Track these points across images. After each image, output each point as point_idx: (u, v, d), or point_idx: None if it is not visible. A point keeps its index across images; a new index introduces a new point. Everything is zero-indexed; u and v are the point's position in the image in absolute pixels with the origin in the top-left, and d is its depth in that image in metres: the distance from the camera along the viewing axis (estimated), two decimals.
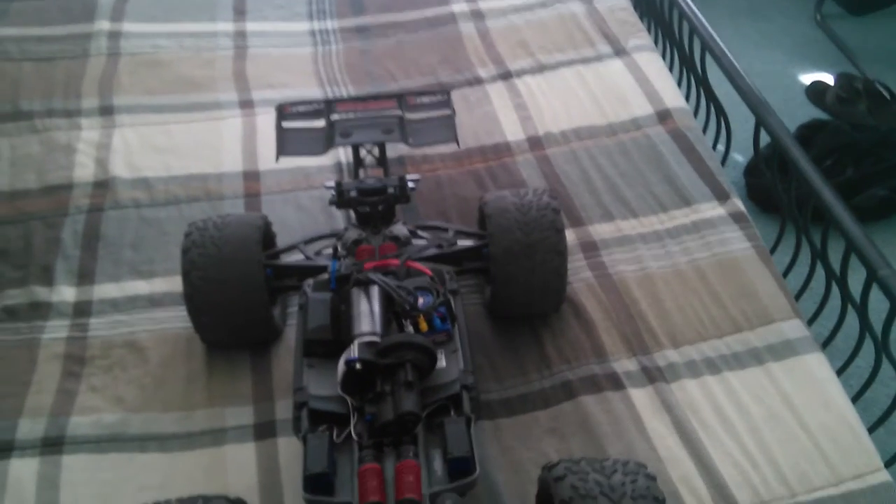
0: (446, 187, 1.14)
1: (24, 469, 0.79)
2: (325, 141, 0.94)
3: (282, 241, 0.96)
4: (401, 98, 0.98)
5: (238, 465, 0.80)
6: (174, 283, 0.98)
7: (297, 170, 1.15)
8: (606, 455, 0.79)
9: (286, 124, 0.96)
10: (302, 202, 1.11)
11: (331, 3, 1.53)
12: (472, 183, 1.14)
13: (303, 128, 0.96)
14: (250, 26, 1.46)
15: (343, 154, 1.18)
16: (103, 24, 1.42)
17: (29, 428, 0.82)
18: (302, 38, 1.44)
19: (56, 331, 0.93)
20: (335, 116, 0.96)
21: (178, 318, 0.93)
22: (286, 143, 0.95)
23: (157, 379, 0.88)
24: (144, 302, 0.97)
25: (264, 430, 0.83)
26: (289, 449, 0.81)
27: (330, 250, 0.91)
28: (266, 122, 1.24)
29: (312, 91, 1.31)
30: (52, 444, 0.81)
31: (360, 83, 1.33)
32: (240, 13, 1.49)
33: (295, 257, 0.92)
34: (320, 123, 0.96)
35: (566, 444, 0.81)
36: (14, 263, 1.01)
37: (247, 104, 1.28)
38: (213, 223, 0.88)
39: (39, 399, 0.85)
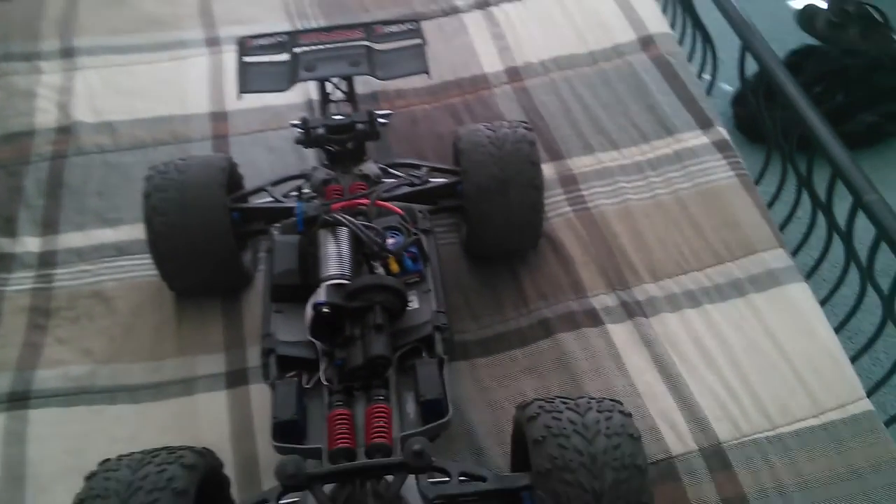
0: (421, 123, 1.10)
1: None
2: (289, 75, 0.90)
3: (251, 183, 0.92)
4: (368, 27, 0.93)
5: (210, 414, 0.78)
6: (141, 231, 0.95)
7: (266, 108, 1.11)
8: (584, 393, 0.77)
9: (248, 59, 0.91)
10: (272, 143, 1.07)
11: None
12: (449, 118, 1.10)
13: (266, 62, 0.91)
14: None
15: (313, 90, 1.13)
16: None
17: None
18: None
19: (20, 283, 0.91)
20: (299, 49, 0.91)
21: (145, 267, 0.91)
22: (248, 79, 0.91)
23: (126, 329, 0.86)
24: (111, 250, 0.94)
25: (236, 378, 0.81)
26: (260, 396, 0.79)
27: (297, 191, 0.88)
28: (233, 59, 1.19)
29: (282, 26, 1.26)
30: (19, 399, 0.79)
31: (332, 16, 1.28)
32: None
33: (263, 200, 0.88)
34: (284, 57, 0.91)
35: (544, 383, 0.79)
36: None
37: (213, 42, 1.23)
38: (175, 166, 0.85)
39: (4, 353, 0.83)
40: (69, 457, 0.75)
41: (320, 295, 0.69)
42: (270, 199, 0.88)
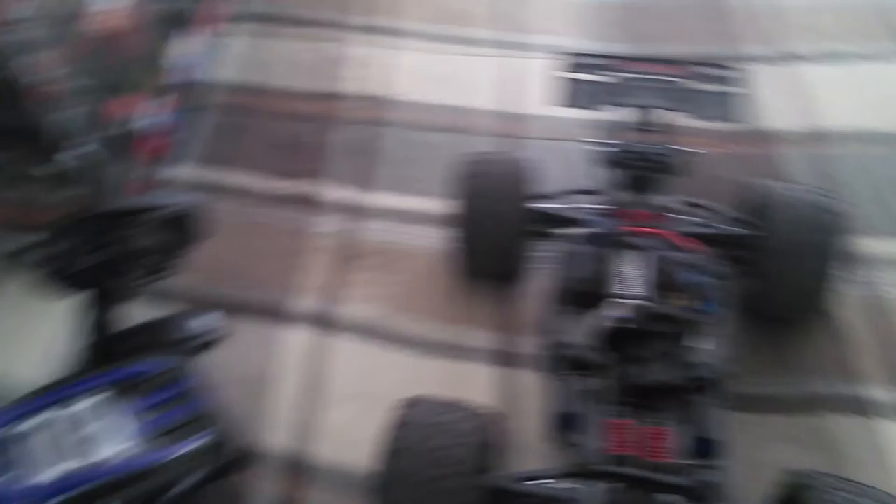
0: (705, 166, 1.11)
1: (298, 338, 0.90)
2: (609, 97, 0.95)
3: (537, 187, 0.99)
4: (694, 66, 0.96)
5: (475, 383, 0.86)
6: (437, 204, 1.05)
7: (560, 119, 1.17)
8: None
9: (571, 74, 0.97)
10: (561, 151, 1.13)
11: None
12: (731, 165, 1.11)
13: (587, 80, 0.97)
14: None
15: (610, 112, 1.18)
16: None
17: (304, 304, 0.94)
18: None
19: (329, 225, 1.04)
20: (622, 74, 0.96)
21: (440, 237, 1.00)
22: (569, 93, 0.97)
23: (413, 288, 0.96)
24: (410, 216, 1.05)
25: (505, 358, 0.88)
26: (523, 381, 0.86)
27: (589, 205, 0.93)
28: (535, 66, 1.27)
29: (581, 43, 1.32)
30: (323, 323, 0.92)
31: (636, 41, 1.32)
32: None
33: (554, 205, 0.94)
34: (606, 79, 0.97)
35: (802, 456, 0.79)
36: (294, 158, 1.12)
37: (517, 46, 1.32)
38: (487, 157, 0.93)
39: (313, 281, 0.96)
40: (359, 382, 0.86)
41: (616, 310, 0.73)
42: (562, 206, 0.94)
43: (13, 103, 0.80)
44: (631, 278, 0.77)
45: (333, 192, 1.07)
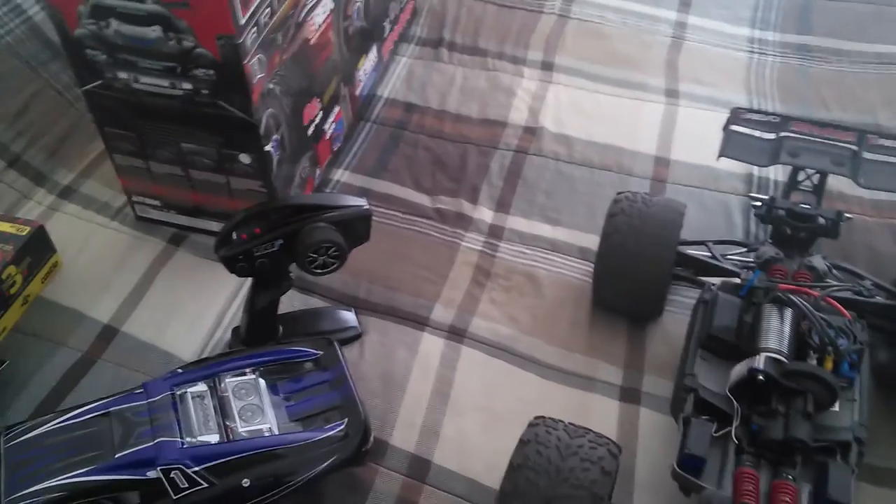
0: (856, 233, 1.09)
1: (433, 344, 0.95)
2: (771, 154, 0.96)
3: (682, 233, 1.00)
4: (861, 134, 0.95)
5: (600, 415, 0.88)
6: (575, 236, 1.09)
7: (707, 168, 1.18)
8: None
9: (735, 127, 0.99)
10: (704, 200, 1.14)
11: (777, 15, 1.51)
12: (888, 237, 1.08)
13: (750, 135, 0.98)
14: (692, 19, 1.50)
15: (757, 169, 1.18)
16: None
17: (441, 313, 0.98)
18: (739, 43, 1.45)
19: (472, 242, 1.08)
20: (786, 133, 0.97)
21: (573, 268, 1.04)
22: (731, 146, 0.98)
23: (547, 313, 0.99)
24: (546, 243, 1.08)
25: (629, 395, 0.90)
26: (648, 420, 0.87)
27: (736, 256, 0.94)
28: (687, 114, 1.29)
29: (739, 97, 1.32)
30: (457, 334, 0.96)
31: (789, 102, 1.31)
32: (684, 4, 1.53)
33: (700, 252, 0.95)
34: (769, 135, 0.97)
35: None
36: (450, 175, 1.19)
37: (672, 93, 1.33)
38: (642, 198, 0.95)
39: (452, 293, 1.01)
40: (483, 396, 0.90)
41: (758, 362, 0.74)
42: (708, 253, 0.95)
43: (242, 96, 0.89)
44: (775, 333, 0.77)
45: (485, 213, 1.12)
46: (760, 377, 0.73)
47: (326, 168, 1.18)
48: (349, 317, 0.98)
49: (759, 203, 0.93)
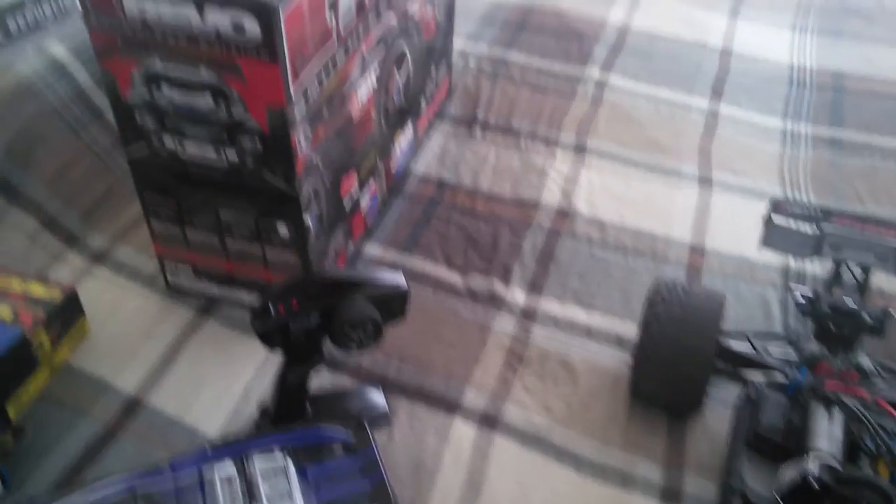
0: None
1: (464, 431, 0.92)
2: (813, 247, 0.94)
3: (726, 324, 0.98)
4: None
5: None
6: (611, 323, 1.07)
7: (742, 259, 1.17)
8: None
9: (776, 219, 0.98)
10: (740, 290, 1.12)
11: (809, 108, 1.52)
12: None
13: (791, 227, 0.97)
14: (724, 108, 1.51)
15: (794, 261, 1.16)
16: (594, 72, 1.58)
17: (473, 398, 0.96)
18: (772, 135, 1.45)
19: (505, 324, 1.06)
20: (828, 227, 0.96)
21: (609, 356, 1.01)
22: (772, 237, 0.97)
23: (583, 403, 0.96)
24: (581, 329, 1.06)
25: (671, 495, 0.86)
26: None
27: (778, 351, 0.92)
28: (721, 202, 1.28)
29: (773, 188, 1.32)
30: (490, 422, 0.93)
31: (823, 195, 1.31)
32: (716, 93, 1.55)
33: (745, 346, 0.93)
34: (811, 228, 0.96)
35: None
36: (482, 254, 1.18)
37: (705, 181, 1.34)
38: (681, 286, 0.93)
39: (484, 377, 0.98)
40: (517, 489, 0.86)
41: (811, 467, 0.71)
42: (748, 346, 0.93)
43: (286, 168, 0.89)
44: (826, 435, 0.74)
45: (517, 295, 1.11)
46: (814, 483, 0.69)
47: (359, 241, 1.17)
48: (379, 399, 0.95)
49: (803, 297, 0.91)
